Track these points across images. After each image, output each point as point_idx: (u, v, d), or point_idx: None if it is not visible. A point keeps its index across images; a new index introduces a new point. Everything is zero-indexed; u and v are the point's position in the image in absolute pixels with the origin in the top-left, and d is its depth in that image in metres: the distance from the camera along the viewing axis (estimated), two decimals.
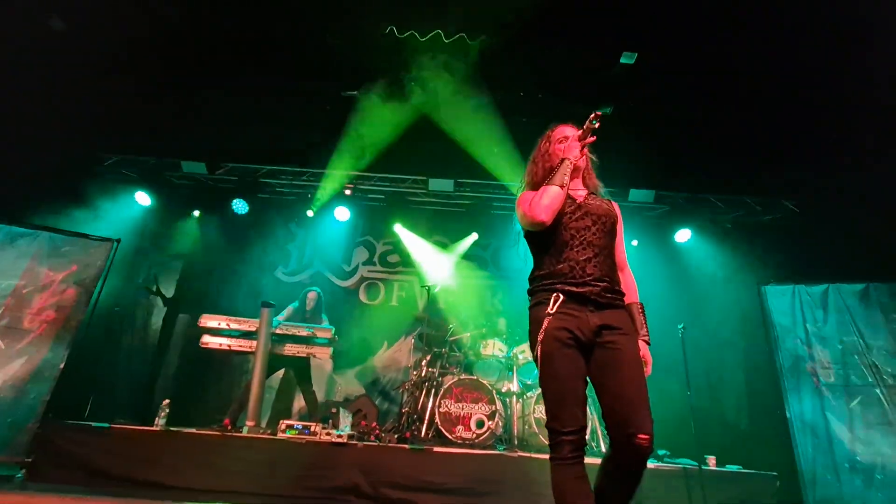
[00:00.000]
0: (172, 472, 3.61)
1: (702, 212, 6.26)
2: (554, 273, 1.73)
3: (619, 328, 1.66)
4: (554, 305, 1.66)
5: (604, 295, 1.69)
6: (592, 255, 1.73)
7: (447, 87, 5.39)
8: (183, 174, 6.44)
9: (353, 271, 7.02)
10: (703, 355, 5.19)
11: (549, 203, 1.73)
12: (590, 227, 1.78)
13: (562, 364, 1.61)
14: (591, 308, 1.66)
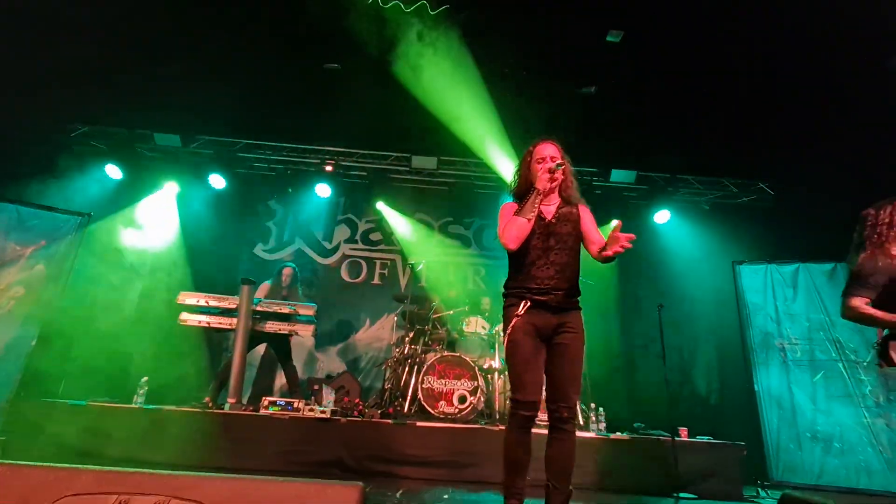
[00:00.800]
0: (153, 449, 3.58)
1: (681, 193, 6.38)
2: (524, 286, 2.16)
3: (571, 329, 2.11)
4: (522, 309, 2.11)
5: (562, 301, 2.12)
6: (554, 271, 2.14)
7: (431, 61, 5.28)
8: (156, 146, 6.21)
9: (334, 249, 6.96)
10: (678, 332, 5.36)
11: (517, 234, 2.13)
12: (553, 246, 2.17)
13: (524, 347, 2.07)
14: (551, 312, 2.11)
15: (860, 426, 4.22)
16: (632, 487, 3.66)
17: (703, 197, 6.46)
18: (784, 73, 4.81)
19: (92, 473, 0.87)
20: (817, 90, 4.77)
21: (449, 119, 5.80)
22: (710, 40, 4.70)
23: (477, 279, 7.00)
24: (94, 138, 6.08)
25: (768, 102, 5.14)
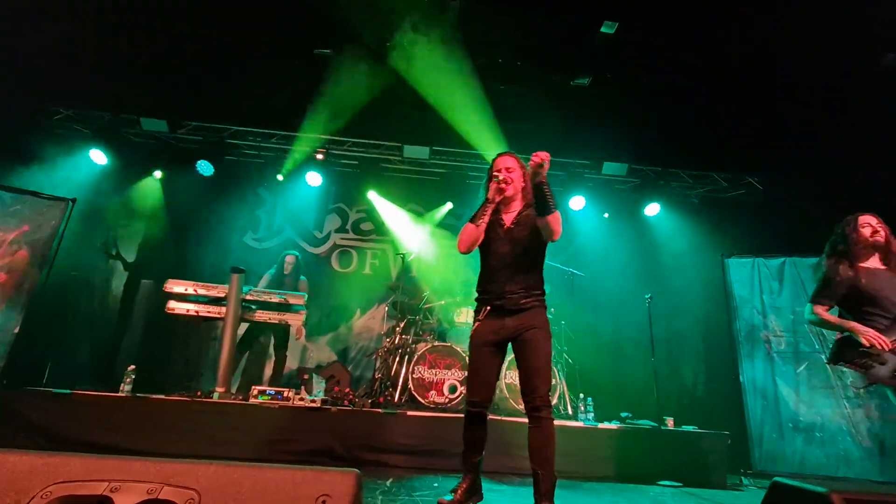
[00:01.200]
0: (141, 438, 3.55)
1: (671, 186, 6.43)
2: (485, 290, 2.34)
3: (532, 326, 2.23)
4: (483, 314, 2.31)
5: (519, 303, 2.25)
6: (510, 274, 2.28)
7: (425, 50, 5.22)
8: (142, 132, 6.08)
9: (325, 238, 6.90)
10: (665, 323, 5.43)
11: (464, 239, 2.29)
12: (509, 251, 2.30)
13: (477, 354, 2.30)
14: (508, 315, 2.25)
15: (840, 416, 4.33)
16: (619, 475, 3.73)
17: (692, 190, 6.51)
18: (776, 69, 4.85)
19: (81, 460, 0.85)
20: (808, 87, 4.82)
21: (442, 109, 5.75)
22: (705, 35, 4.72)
23: (468, 270, 7.00)
24: (78, 122, 5.93)
25: (759, 98, 5.18)
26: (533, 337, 2.21)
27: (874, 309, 2.45)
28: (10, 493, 0.80)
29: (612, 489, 3.34)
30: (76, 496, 0.81)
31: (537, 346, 2.20)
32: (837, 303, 2.60)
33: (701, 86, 5.24)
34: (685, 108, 5.46)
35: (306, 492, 0.78)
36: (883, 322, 2.42)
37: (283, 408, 3.82)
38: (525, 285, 2.27)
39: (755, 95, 5.18)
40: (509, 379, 4.44)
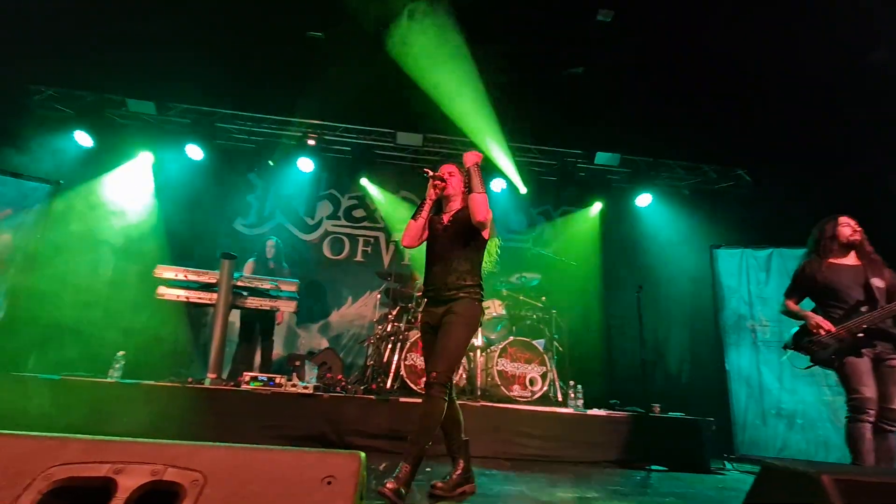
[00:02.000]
0: (131, 424, 3.53)
1: (662, 177, 6.47)
2: (425, 283, 2.50)
3: (452, 312, 2.33)
4: (423, 305, 2.54)
5: (447, 294, 2.37)
6: (443, 268, 2.40)
7: (420, 35, 5.14)
8: (129, 113, 5.94)
9: (316, 225, 6.85)
10: (654, 312, 5.51)
11: (406, 234, 2.51)
12: (445, 247, 2.44)
13: (425, 344, 2.48)
14: (440, 304, 2.39)
15: (821, 403, 4.45)
16: (608, 460, 3.80)
17: (683, 182, 6.57)
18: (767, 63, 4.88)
19: (81, 443, 0.85)
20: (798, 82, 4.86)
21: (436, 95, 5.69)
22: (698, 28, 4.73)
23: None
24: (60, 102, 5.77)
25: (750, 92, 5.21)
26: (448, 321, 2.32)
27: (832, 301, 2.70)
28: (8, 476, 0.80)
29: (601, 473, 3.41)
30: (78, 478, 0.81)
31: (449, 330, 2.30)
32: (808, 296, 2.85)
33: (693, 78, 5.25)
34: (677, 100, 5.48)
35: (312, 474, 0.79)
36: (838, 312, 2.67)
37: (276, 394, 3.82)
38: (456, 278, 2.38)
39: (746, 89, 5.21)
40: (500, 366, 4.48)
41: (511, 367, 4.51)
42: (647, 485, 3.10)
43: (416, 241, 2.51)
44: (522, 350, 4.59)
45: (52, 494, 0.77)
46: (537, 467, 3.48)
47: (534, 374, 4.51)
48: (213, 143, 6.17)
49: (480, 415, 3.92)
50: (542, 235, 6.76)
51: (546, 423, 3.94)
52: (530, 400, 4.37)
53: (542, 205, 6.92)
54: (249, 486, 0.78)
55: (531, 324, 5.20)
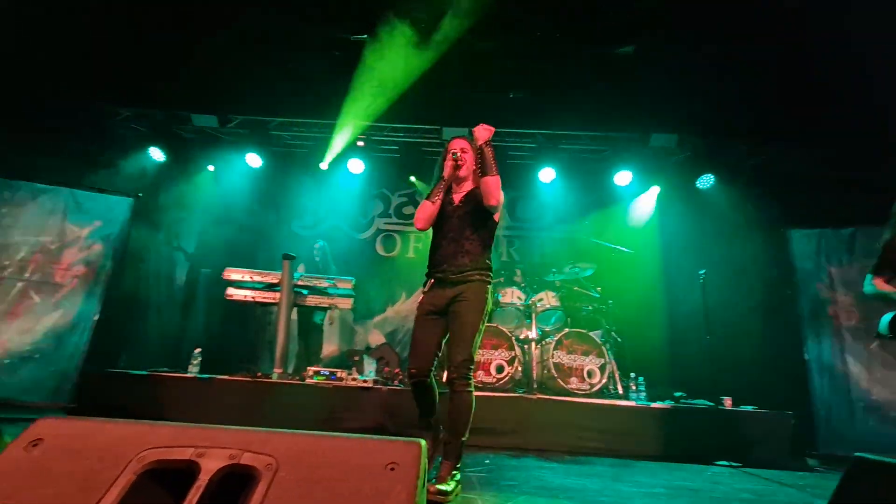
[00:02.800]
0: (209, 415, 3.81)
1: (725, 156, 6.06)
2: (431, 263, 2.43)
3: (465, 298, 2.27)
4: (427, 287, 2.40)
5: (458, 275, 2.31)
6: (455, 249, 2.34)
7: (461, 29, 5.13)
8: (194, 128, 6.36)
9: (368, 224, 7.03)
10: (721, 300, 5.19)
11: (422, 216, 2.39)
12: (455, 227, 2.37)
13: (417, 326, 2.36)
14: (449, 285, 2.31)
15: None
16: (673, 455, 3.65)
17: (749, 160, 6.11)
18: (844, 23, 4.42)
19: (169, 429, 0.93)
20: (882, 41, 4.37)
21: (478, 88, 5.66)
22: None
23: (510, 251, 6.96)
24: (137, 122, 6.27)
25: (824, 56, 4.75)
26: (463, 309, 2.25)
27: None
28: (109, 457, 0.89)
29: (666, 468, 3.28)
30: (166, 460, 0.89)
31: (465, 319, 2.23)
32: None
33: (756, 47, 4.87)
34: (739, 73, 5.10)
35: (376, 459, 0.82)
36: None
37: (337, 387, 3.98)
38: (467, 259, 2.33)
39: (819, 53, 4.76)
40: (556, 358, 4.40)
41: (567, 359, 4.42)
42: (719, 481, 2.94)
43: (431, 222, 2.40)
44: (579, 342, 4.49)
45: (146, 475, 0.85)
46: (598, 461, 3.40)
47: (592, 366, 4.39)
48: (269, 151, 6.49)
49: (538, 408, 3.88)
50: (595, 224, 6.55)
51: (607, 416, 3.84)
52: (589, 392, 4.27)
53: (593, 192, 6.70)
54: (318, 470, 0.82)
55: (587, 315, 5.08)
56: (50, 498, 0.80)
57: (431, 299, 2.34)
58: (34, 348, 4.28)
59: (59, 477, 0.83)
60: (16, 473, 0.83)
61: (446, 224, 2.40)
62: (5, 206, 4.52)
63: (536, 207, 6.94)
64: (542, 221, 6.92)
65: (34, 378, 4.22)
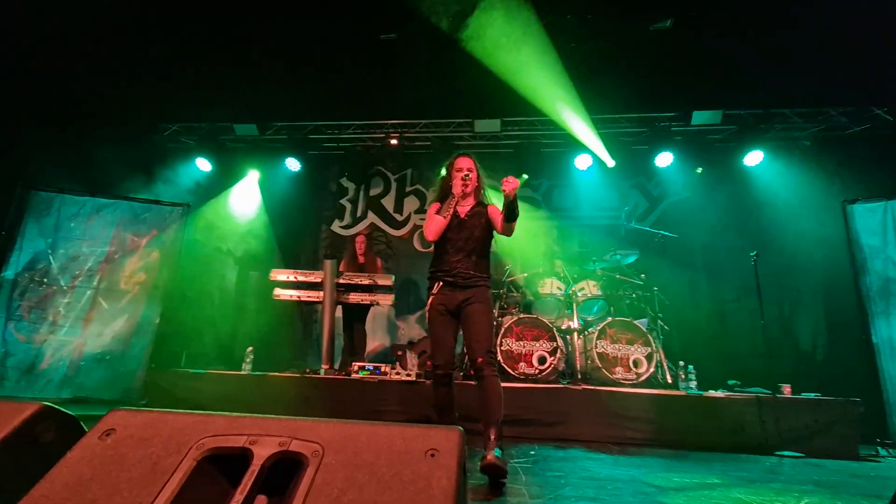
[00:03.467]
0: (264, 410, 4.00)
1: (775, 130, 5.71)
2: (440, 269, 2.66)
3: (476, 301, 2.57)
4: (436, 289, 2.64)
5: (466, 280, 2.60)
6: (462, 256, 2.63)
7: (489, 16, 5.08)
8: (236, 137, 6.65)
9: (405, 220, 7.12)
10: (775, 282, 4.92)
11: (434, 229, 2.65)
12: (464, 238, 2.66)
13: (436, 325, 2.61)
14: (458, 289, 2.59)
15: None
16: (727, 445, 3.50)
17: (803, 132, 5.73)
18: None
19: (224, 419, 0.99)
20: None
21: (510, 77, 5.59)
22: None
23: (549, 241, 6.85)
24: (184, 134, 6.64)
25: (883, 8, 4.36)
26: (476, 311, 2.55)
27: None
28: (173, 445, 0.96)
29: (722, 459, 3.16)
30: (222, 447, 0.95)
31: (480, 318, 2.54)
32: None
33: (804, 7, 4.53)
34: (787, 37, 4.77)
35: (416, 446, 0.85)
36: None
37: (382, 381, 4.08)
38: (473, 266, 2.64)
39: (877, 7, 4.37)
40: (600, 348, 4.32)
41: (612, 348, 4.32)
42: (779, 471, 2.80)
43: (440, 235, 2.67)
44: (623, 331, 4.38)
45: (205, 460, 0.91)
46: (648, 452, 3.32)
47: (638, 355, 4.28)
48: (307, 155, 6.70)
49: (583, 399, 3.83)
50: (636, 209, 6.34)
51: (656, 406, 3.74)
52: (636, 382, 4.16)
53: (633, 176, 6.49)
54: (360, 455, 0.85)
55: (631, 303, 4.94)
56: (125, 482, 0.88)
57: (443, 300, 2.61)
58: (105, 351, 4.64)
59: (130, 463, 0.91)
60: (93, 460, 0.91)
61: (454, 233, 2.67)
62: (74, 220, 4.91)
63: (573, 196, 6.79)
64: (579, 210, 6.77)
65: (107, 378, 4.58)
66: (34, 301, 4.66)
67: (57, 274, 4.75)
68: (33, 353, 4.52)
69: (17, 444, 1.02)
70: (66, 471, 0.90)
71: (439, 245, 2.70)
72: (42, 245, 4.75)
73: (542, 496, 2.05)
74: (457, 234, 2.66)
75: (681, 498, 2.11)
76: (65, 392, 4.45)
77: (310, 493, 0.80)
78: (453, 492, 0.76)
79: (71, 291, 4.73)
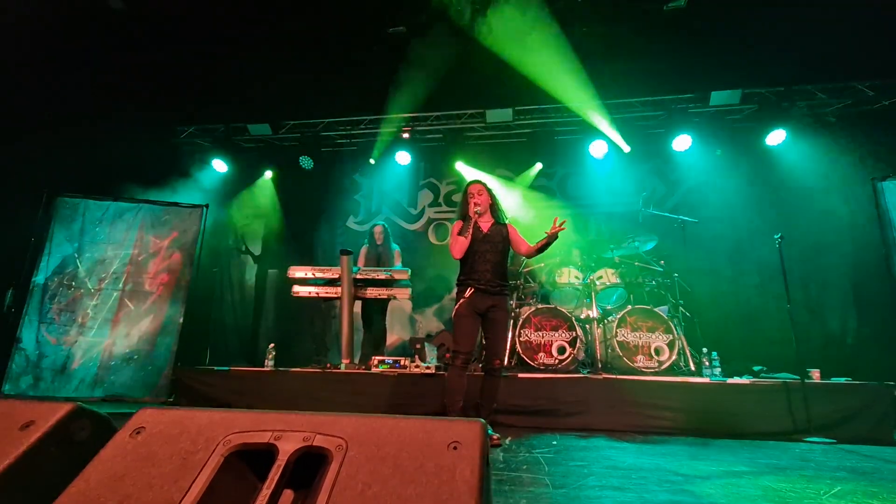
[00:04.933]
0: (287, 405, 4.08)
1: (798, 107, 5.52)
2: (470, 277, 3.13)
3: (500, 308, 3.11)
4: (468, 294, 3.09)
5: (493, 289, 3.10)
6: (490, 266, 3.12)
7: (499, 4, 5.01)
8: (250, 137, 6.72)
9: (419, 214, 7.13)
10: (801, 266, 4.78)
11: (460, 248, 3.14)
12: (489, 250, 3.15)
13: (465, 321, 3.07)
14: (486, 295, 3.08)
15: None
16: (754, 432, 3.44)
17: (827, 108, 5.53)
18: None
19: (250, 415, 1.00)
20: None
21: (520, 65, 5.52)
22: None
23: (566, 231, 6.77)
24: (199, 137, 6.74)
25: None
26: (500, 318, 3.11)
27: None
28: (201, 441, 0.98)
29: (749, 446, 3.10)
30: (249, 443, 0.97)
31: (502, 325, 3.16)
32: None
33: None
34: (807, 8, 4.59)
35: (438, 439, 0.84)
36: None
37: (402, 375, 4.11)
38: (499, 275, 3.14)
39: None
40: (621, 337, 4.27)
41: (633, 336, 4.27)
42: (810, 458, 2.74)
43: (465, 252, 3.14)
44: (644, 318, 4.32)
45: (232, 456, 0.93)
46: (672, 440, 3.28)
47: (659, 342, 4.22)
48: (320, 153, 6.73)
49: (605, 388, 3.79)
50: (653, 194, 6.22)
51: (679, 394, 3.68)
52: (658, 370, 4.10)
53: (649, 160, 6.36)
54: (385, 449, 0.86)
55: (651, 290, 4.86)
56: (156, 477, 0.90)
57: (473, 304, 3.06)
58: (132, 350, 4.77)
59: (161, 459, 0.93)
60: (125, 457, 0.94)
61: (480, 246, 3.14)
62: (98, 224, 5.04)
63: (589, 184, 6.69)
64: (595, 198, 6.67)
65: (136, 376, 4.71)
66: (63, 304, 4.81)
67: (84, 277, 4.89)
68: (65, 355, 4.67)
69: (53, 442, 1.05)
70: (101, 467, 0.93)
71: (468, 256, 3.15)
72: (69, 250, 4.89)
73: (566, 486, 2.04)
74: (482, 246, 3.14)
75: (708, 486, 2.08)
76: (97, 391, 4.60)
77: (335, 487, 0.80)
78: (477, 483, 0.76)
79: (98, 294, 4.86)
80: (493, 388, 3.12)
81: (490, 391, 3.12)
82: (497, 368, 3.09)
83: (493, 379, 3.11)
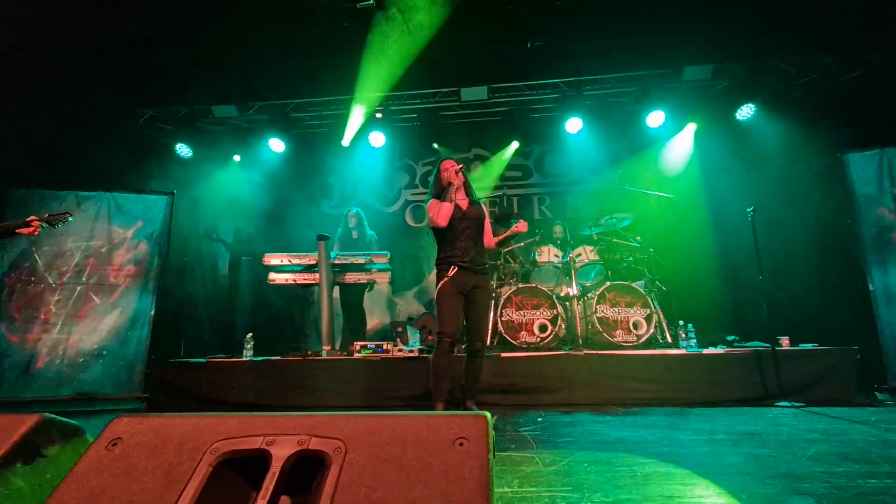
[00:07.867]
0: (268, 395, 4.00)
1: (767, 81, 5.61)
2: (451, 255, 3.05)
3: (482, 288, 3.11)
4: (451, 273, 3.02)
5: (475, 267, 3.07)
6: (472, 244, 3.09)
7: None
8: (215, 119, 6.40)
9: (396, 196, 7.01)
10: (773, 238, 4.92)
11: (445, 214, 3.04)
12: (468, 227, 3.10)
13: (448, 301, 3.00)
14: (469, 274, 3.03)
15: None
16: (730, 401, 3.57)
17: (795, 82, 5.64)
18: None
19: (238, 419, 0.94)
20: None
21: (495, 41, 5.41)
22: None
23: (542, 208, 6.80)
24: (161, 120, 6.38)
25: None
26: (483, 298, 3.12)
27: None
28: (185, 451, 0.91)
29: (726, 413, 3.22)
30: (238, 450, 0.91)
31: (485, 306, 3.19)
32: None
33: None
34: None
35: (444, 435, 0.81)
36: None
37: (385, 359, 4.07)
38: (481, 253, 3.13)
39: None
40: (600, 313, 4.33)
41: (612, 312, 4.34)
42: (783, 423, 2.86)
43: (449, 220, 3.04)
44: (622, 294, 4.39)
45: (220, 465, 0.87)
46: (652, 411, 3.37)
47: (637, 317, 4.31)
48: (290, 134, 6.48)
49: (586, 364, 3.86)
50: (628, 171, 6.28)
51: (658, 366, 3.78)
52: (636, 344, 4.20)
53: (624, 138, 6.39)
54: (387, 449, 0.81)
55: (628, 266, 4.94)
56: (138, 493, 0.83)
57: (457, 283, 3.00)
58: (101, 346, 4.57)
59: (141, 473, 0.86)
60: (101, 472, 0.87)
61: (460, 223, 3.07)
62: None
63: (565, 161, 6.71)
64: (572, 175, 6.70)
65: (106, 373, 4.52)
66: (24, 301, 4.55)
67: (44, 271, 4.62)
68: (28, 353, 4.44)
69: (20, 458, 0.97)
70: (75, 485, 0.86)
71: (448, 234, 3.07)
72: (25, 243, 4.59)
73: (556, 463, 2.06)
74: (462, 223, 3.07)
75: (692, 456, 2.13)
76: (65, 390, 4.40)
77: (336, 493, 0.76)
78: (487, 483, 0.73)
79: (60, 288, 4.61)
80: (477, 368, 3.15)
81: (474, 372, 3.16)
82: (480, 350, 3.12)
83: (477, 360, 3.15)
